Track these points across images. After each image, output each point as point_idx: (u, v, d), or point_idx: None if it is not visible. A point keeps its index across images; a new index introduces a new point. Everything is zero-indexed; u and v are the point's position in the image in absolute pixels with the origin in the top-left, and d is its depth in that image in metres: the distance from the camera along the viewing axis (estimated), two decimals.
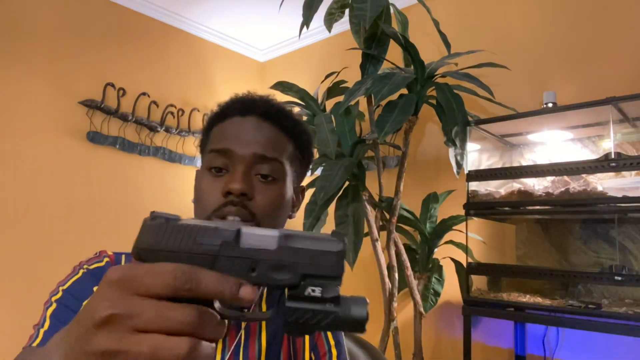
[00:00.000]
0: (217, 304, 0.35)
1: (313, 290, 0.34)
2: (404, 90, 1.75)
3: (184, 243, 0.35)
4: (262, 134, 0.68)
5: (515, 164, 1.91)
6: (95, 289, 0.45)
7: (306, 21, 1.71)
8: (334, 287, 0.35)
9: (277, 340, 0.70)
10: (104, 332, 0.31)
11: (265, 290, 0.71)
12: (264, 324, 0.69)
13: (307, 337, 0.73)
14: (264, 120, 0.69)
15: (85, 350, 0.31)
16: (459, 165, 1.75)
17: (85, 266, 0.67)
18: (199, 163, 2.77)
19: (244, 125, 0.69)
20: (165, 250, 0.35)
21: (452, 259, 1.93)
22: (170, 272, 0.31)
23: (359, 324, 0.35)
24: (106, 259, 0.68)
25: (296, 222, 2.84)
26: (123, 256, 0.70)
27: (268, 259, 0.35)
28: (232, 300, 0.33)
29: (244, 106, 0.70)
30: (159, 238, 0.35)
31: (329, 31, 1.80)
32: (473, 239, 1.82)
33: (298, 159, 0.74)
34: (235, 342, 0.67)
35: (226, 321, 0.35)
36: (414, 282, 1.82)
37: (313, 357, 0.73)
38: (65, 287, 0.64)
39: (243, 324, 0.68)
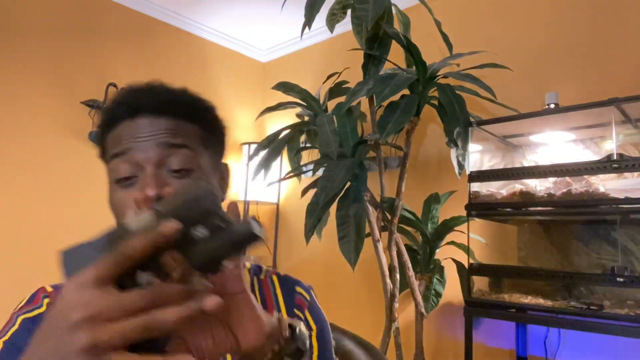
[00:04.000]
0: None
1: (200, 231, 0.39)
2: (406, 91, 1.75)
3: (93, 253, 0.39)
4: (159, 127, 0.61)
5: (517, 165, 1.91)
6: None
7: (308, 22, 1.71)
8: (216, 224, 0.39)
9: None
10: (81, 331, 0.34)
11: None
12: None
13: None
14: (157, 116, 0.61)
15: (69, 350, 0.34)
16: (461, 166, 1.74)
17: (24, 314, 0.61)
18: None
19: (137, 125, 0.61)
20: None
21: (454, 260, 1.93)
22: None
23: (250, 236, 0.38)
24: (46, 300, 0.63)
25: (296, 222, 2.84)
26: None
27: (151, 226, 0.38)
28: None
29: (129, 107, 0.62)
30: (78, 263, 0.39)
31: (331, 32, 1.80)
32: (474, 239, 1.82)
33: (210, 138, 0.66)
34: None
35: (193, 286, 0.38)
36: (416, 283, 1.82)
37: None
38: (5, 338, 0.59)
39: None
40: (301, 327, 0.55)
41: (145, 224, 0.39)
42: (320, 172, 1.77)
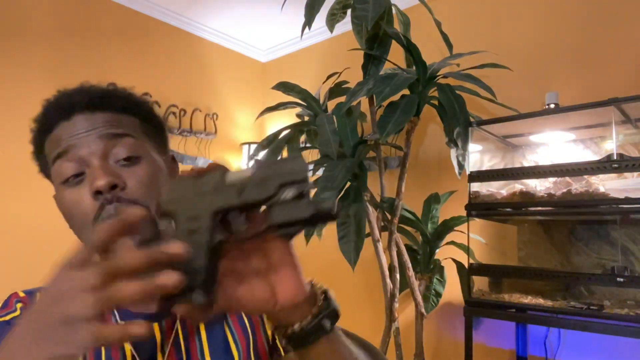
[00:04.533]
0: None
1: (288, 193, 0.42)
2: (406, 91, 1.75)
3: (192, 189, 0.46)
4: (97, 122, 0.60)
5: (517, 165, 1.91)
6: None
7: (308, 22, 1.71)
8: (305, 187, 0.42)
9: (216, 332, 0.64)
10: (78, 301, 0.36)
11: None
12: (202, 326, 0.64)
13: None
14: (92, 112, 0.61)
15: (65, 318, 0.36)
16: (461, 166, 1.74)
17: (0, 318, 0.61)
18: (200, 163, 2.77)
19: (74, 125, 0.60)
20: (186, 196, 0.45)
21: (454, 260, 1.93)
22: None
23: (330, 213, 0.41)
24: (19, 305, 0.63)
25: None
26: (38, 294, 0.63)
27: (249, 182, 0.43)
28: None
29: (62, 108, 0.62)
30: (178, 191, 0.46)
31: (331, 32, 1.80)
32: (474, 239, 1.82)
33: (149, 129, 0.66)
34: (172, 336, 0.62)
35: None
36: (416, 283, 1.82)
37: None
38: None
39: (178, 320, 0.63)
40: (331, 291, 0.55)
41: (242, 177, 0.44)
42: (320, 172, 1.77)
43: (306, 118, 2.16)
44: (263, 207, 0.44)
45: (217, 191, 0.44)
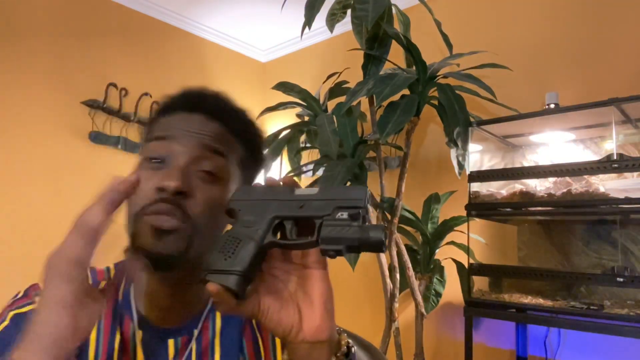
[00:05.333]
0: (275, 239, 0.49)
1: (342, 215, 0.46)
2: (406, 91, 1.75)
3: (261, 195, 0.51)
4: (208, 130, 0.62)
5: (517, 165, 1.91)
6: None
7: (308, 22, 1.71)
8: (357, 213, 0.46)
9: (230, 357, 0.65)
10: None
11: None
12: (217, 343, 0.65)
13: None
14: (211, 118, 0.63)
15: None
16: (461, 166, 1.74)
17: (16, 310, 0.61)
18: None
19: (190, 120, 0.63)
20: (254, 200, 0.51)
21: (454, 260, 1.93)
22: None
23: (377, 243, 0.44)
24: (37, 299, 0.65)
25: None
26: None
27: (311, 199, 0.48)
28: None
29: (191, 102, 0.65)
30: (248, 194, 0.52)
31: (331, 32, 1.80)
32: (474, 239, 1.82)
33: (248, 161, 0.67)
34: (185, 356, 0.63)
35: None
36: (416, 283, 1.82)
37: None
38: None
39: (194, 338, 0.64)
40: (356, 349, 0.56)
41: (307, 194, 0.50)
42: (320, 172, 1.77)
43: (306, 118, 2.17)
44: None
45: (282, 201, 0.49)
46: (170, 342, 0.63)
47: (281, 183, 0.52)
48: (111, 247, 0.49)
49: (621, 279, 1.37)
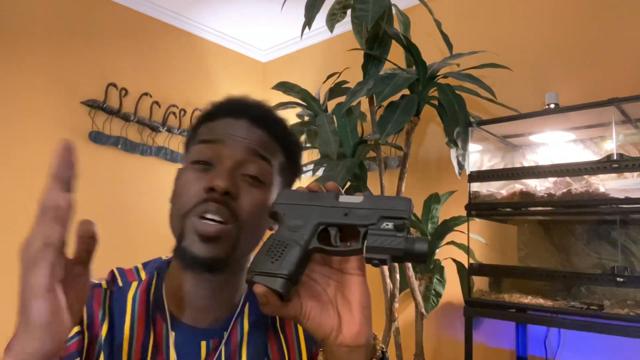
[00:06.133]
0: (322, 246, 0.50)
1: (387, 225, 0.47)
2: (406, 91, 1.75)
3: (305, 200, 0.52)
4: (254, 136, 0.65)
5: (517, 165, 1.91)
6: None
7: (308, 22, 1.71)
8: (403, 224, 0.47)
9: None
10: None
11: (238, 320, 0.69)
12: (244, 346, 0.66)
13: None
14: (256, 125, 0.66)
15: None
16: (461, 166, 1.74)
17: None
18: None
19: (236, 125, 0.65)
20: (298, 204, 0.52)
21: (454, 260, 1.93)
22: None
23: (421, 254, 0.45)
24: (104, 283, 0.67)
25: None
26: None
27: (356, 207, 0.49)
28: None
29: (236, 108, 0.67)
30: (292, 199, 0.53)
31: (331, 32, 1.80)
32: (474, 239, 1.82)
33: (287, 169, 0.69)
34: None
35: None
36: (416, 283, 1.82)
37: None
38: None
39: (224, 341, 0.65)
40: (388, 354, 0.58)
41: (352, 202, 0.51)
42: (320, 172, 1.77)
43: (306, 118, 2.17)
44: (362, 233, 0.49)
45: (327, 207, 0.50)
46: (203, 344, 0.64)
47: (324, 189, 0.53)
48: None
49: (621, 279, 1.37)
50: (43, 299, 0.40)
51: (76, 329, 0.59)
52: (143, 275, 0.68)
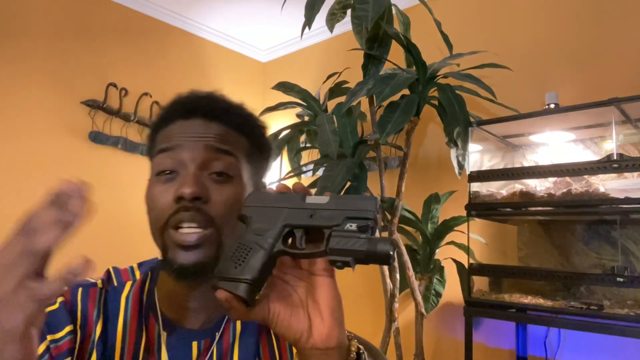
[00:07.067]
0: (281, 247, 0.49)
1: (351, 226, 0.46)
2: (406, 91, 1.75)
3: (272, 202, 0.51)
4: (210, 132, 0.63)
5: (517, 165, 1.91)
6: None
7: (308, 22, 1.71)
8: (367, 224, 0.46)
9: None
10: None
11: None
12: (236, 347, 0.65)
13: None
14: (210, 120, 0.64)
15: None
16: (461, 166, 1.74)
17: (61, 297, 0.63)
18: None
19: (190, 126, 0.63)
20: (265, 207, 0.51)
21: (454, 260, 1.93)
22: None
23: (384, 256, 0.44)
24: (60, 299, 0.64)
25: None
26: (80, 289, 0.65)
27: (322, 208, 0.49)
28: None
29: (186, 108, 0.65)
30: (260, 201, 0.52)
31: (331, 32, 1.80)
32: (474, 239, 1.82)
33: (255, 154, 0.68)
34: None
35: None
36: (416, 283, 1.82)
37: None
38: None
39: (215, 342, 0.65)
40: (367, 355, 0.57)
41: (317, 203, 0.50)
42: (320, 172, 1.77)
43: (306, 118, 2.16)
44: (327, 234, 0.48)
45: (293, 209, 0.50)
46: (194, 345, 0.64)
47: (292, 190, 0.52)
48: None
49: (621, 279, 1.37)
50: (19, 345, 0.39)
51: (68, 328, 0.60)
52: (138, 275, 0.68)
